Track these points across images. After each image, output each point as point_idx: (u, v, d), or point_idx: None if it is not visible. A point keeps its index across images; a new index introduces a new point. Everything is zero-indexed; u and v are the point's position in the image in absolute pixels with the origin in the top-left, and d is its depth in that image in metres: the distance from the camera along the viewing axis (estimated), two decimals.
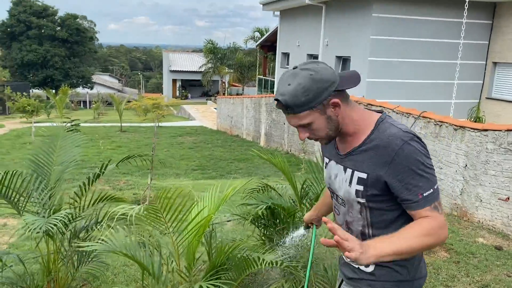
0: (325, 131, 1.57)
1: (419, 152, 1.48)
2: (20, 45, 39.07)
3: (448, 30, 11.43)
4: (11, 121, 22.47)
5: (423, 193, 1.48)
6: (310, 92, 1.47)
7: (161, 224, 2.20)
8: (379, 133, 1.53)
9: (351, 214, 1.67)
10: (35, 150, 2.96)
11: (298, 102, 1.48)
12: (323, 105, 1.50)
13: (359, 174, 1.57)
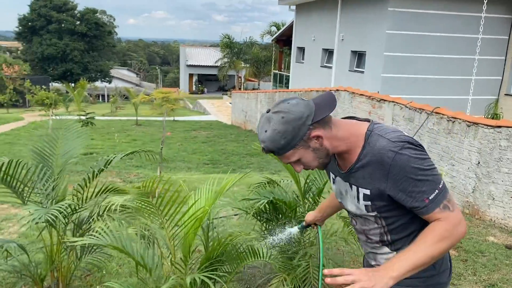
0: (317, 161, 1.57)
1: (413, 158, 1.44)
2: (40, 39, 39.72)
3: (466, 25, 11.21)
4: (30, 113, 22.91)
5: (429, 196, 1.45)
6: (287, 134, 1.47)
7: (153, 214, 2.21)
8: (370, 148, 1.51)
9: (367, 224, 1.69)
10: (39, 141, 3.01)
11: (279, 146, 1.49)
12: (304, 141, 1.50)
13: (363, 191, 1.58)
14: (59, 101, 22.81)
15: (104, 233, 2.22)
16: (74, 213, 2.93)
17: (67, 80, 37.40)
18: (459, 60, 11.39)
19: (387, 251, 1.69)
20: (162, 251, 2.52)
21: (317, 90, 10.97)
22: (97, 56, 43.26)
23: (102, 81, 44.00)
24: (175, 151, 11.81)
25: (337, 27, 13.37)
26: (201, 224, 2.54)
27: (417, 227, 1.58)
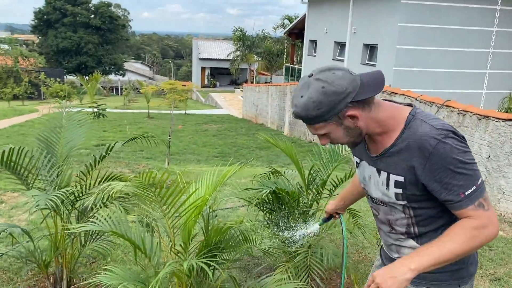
0: (346, 139, 1.50)
1: (455, 149, 1.36)
2: (55, 32, 40.19)
3: (480, 17, 11.01)
4: (45, 105, 23.22)
5: (465, 191, 1.37)
6: (322, 106, 1.39)
7: (154, 202, 2.23)
8: (411, 133, 1.42)
9: (394, 214, 1.59)
10: (44, 129, 3.05)
11: (310, 116, 1.42)
12: (338, 117, 1.42)
13: (395, 177, 1.48)
14: (73, 93, 23.13)
15: (104, 220, 2.25)
16: (78, 200, 2.97)
17: (81, 73, 37.83)
18: (473, 54, 11.21)
19: (413, 244, 1.60)
20: (163, 238, 2.54)
21: None
22: (111, 50, 43.63)
23: (116, 74, 44.38)
24: (185, 144, 11.88)
25: (349, 20, 13.25)
26: (201, 212, 2.56)
27: (446, 221, 1.50)
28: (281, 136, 13.57)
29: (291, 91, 13.53)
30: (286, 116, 14.03)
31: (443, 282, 1.56)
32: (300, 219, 3.49)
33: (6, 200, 5.25)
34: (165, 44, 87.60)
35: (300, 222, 3.22)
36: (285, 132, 14.11)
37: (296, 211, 3.42)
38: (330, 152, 3.69)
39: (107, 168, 7.25)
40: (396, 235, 1.64)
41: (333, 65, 1.45)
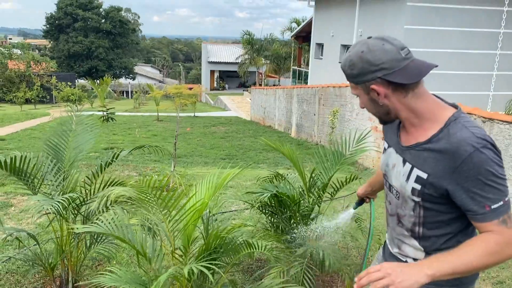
0: (373, 112, 1.54)
1: (491, 161, 1.33)
2: (67, 36, 40.75)
3: (487, 19, 10.96)
4: (56, 109, 23.53)
5: (492, 205, 1.34)
6: (354, 68, 1.43)
7: (154, 206, 2.30)
8: (449, 135, 1.39)
9: (403, 209, 1.59)
10: (52, 134, 3.14)
11: (345, 71, 1.48)
12: (365, 86, 1.45)
13: (418, 172, 1.46)
14: (84, 97, 23.42)
15: (107, 223, 2.32)
16: (83, 204, 3.05)
17: (92, 76, 38.25)
18: (480, 55, 11.16)
19: (414, 244, 1.61)
20: (164, 242, 2.61)
21: (333, 86, 10.93)
22: (121, 53, 44.10)
23: (126, 77, 44.83)
24: (193, 146, 11.97)
25: (356, 22, 13.27)
26: (201, 216, 2.62)
27: (452, 230, 1.49)
28: (288, 138, 13.61)
29: (298, 93, 13.57)
30: (293, 118, 14.07)
31: (439, 287, 1.53)
32: (302, 223, 3.55)
33: (16, 203, 5.37)
34: (175, 47, 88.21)
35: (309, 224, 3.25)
36: (292, 134, 14.16)
37: (298, 214, 3.47)
38: (333, 154, 3.71)
39: (115, 172, 7.36)
40: (401, 230, 1.64)
41: (391, 37, 1.45)
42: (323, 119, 11.53)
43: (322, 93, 11.58)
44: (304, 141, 12.80)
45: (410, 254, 1.65)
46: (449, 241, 1.52)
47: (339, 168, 3.61)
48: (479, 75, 11.15)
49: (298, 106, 13.54)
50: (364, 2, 12.97)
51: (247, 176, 7.16)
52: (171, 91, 12.56)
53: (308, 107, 12.73)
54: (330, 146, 3.72)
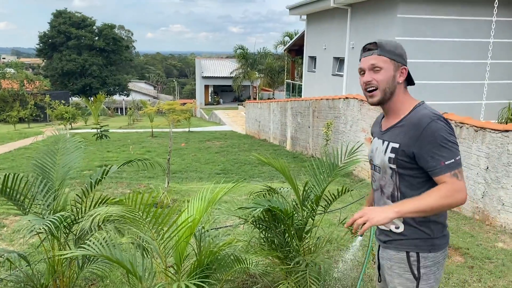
0: (385, 86, 1.91)
1: (443, 129, 1.79)
2: (60, 55, 40.84)
3: (477, 29, 11.08)
4: (50, 128, 23.46)
5: (445, 161, 1.77)
6: (398, 49, 1.93)
7: (142, 225, 2.27)
8: (414, 113, 1.89)
9: (384, 179, 2.00)
10: (39, 154, 3.11)
11: (390, 47, 1.90)
12: (398, 64, 1.91)
13: (392, 144, 1.92)
14: (77, 115, 23.37)
15: (95, 243, 2.29)
16: (74, 223, 3.01)
17: (86, 94, 38.27)
18: (471, 65, 11.25)
19: None
20: (155, 260, 2.57)
21: (327, 98, 10.97)
22: (115, 70, 44.20)
23: (120, 94, 44.86)
24: (188, 162, 11.93)
25: (347, 35, 13.38)
26: (193, 233, 2.59)
27: (424, 191, 1.84)
28: (283, 151, 13.60)
29: (292, 106, 13.61)
30: (288, 131, 14.09)
31: (417, 247, 1.94)
32: (296, 237, 3.52)
33: (8, 224, 5.31)
34: (169, 63, 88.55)
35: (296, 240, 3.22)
36: (287, 147, 14.16)
37: (292, 228, 3.44)
38: (325, 166, 3.69)
39: (108, 189, 7.31)
40: (384, 199, 2.03)
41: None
42: (318, 132, 11.55)
43: (316, 106, 11.62)
44: (299, 154, 12.80)
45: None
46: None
47: (332, 180, 3.59)
48: (471, 85, 11.23)
49: (293, 119, 13.57)
50: (355, 15, 13.10)
51: (242, 190, 7.13)
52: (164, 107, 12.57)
53: (302, 120, 12.76)
54: (324, 158, 3.71)
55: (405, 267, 1.97)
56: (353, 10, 13.12)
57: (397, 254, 1.99)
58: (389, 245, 2.03)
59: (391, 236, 2.02)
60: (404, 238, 1.97)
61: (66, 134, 3.18)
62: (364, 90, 1.97)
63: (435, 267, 1.96)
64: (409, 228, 1.95)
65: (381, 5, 11.59)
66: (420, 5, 10.85)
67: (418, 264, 1.94)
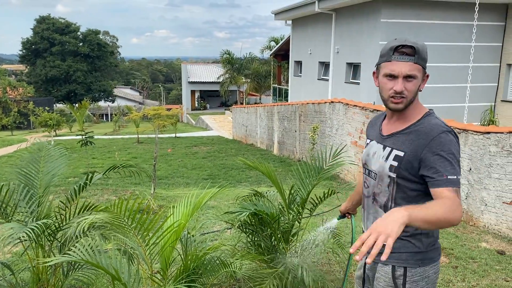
0: (413, 94, 1.79)
1: (453, 143, 1.71)
2: (44, 61, 40.37)
3: (459, 33, 11.30)
4: (34, 135, 23.14)
5: (448, 175, 1.67)
6: (427, 55, 1.79)
7: (126, 230, 2.26)
8: (425, 122, 1.79)
9: (379, 187, 1.89)
10: (23, 162, 3.08)
11: (425, 55, 1.78)
12: (424, 72, 1.79)
13: (396, 152, 1.81)
14: (62, 121, 23.10)
15: (80, 250, 2.27)
16: (59, 230, 2.98)
17: (71, 100, 37.89)
18: (454, 68, 11.45)
19: None
20: (142, 265, 2.56)
21: (313, 102, 11.04)
22: (100, 76, 43.85)
23: (105, 100, 44.50)
24: (174, 168, 11.88)
25: (332, 40, 13.51)
26: (179, 238, 2.59)
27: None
28: (270, 155, 13.63)
29: (278, 111, 13.66)
30: (275, 136, 14.13)
31: (405, 261, 1.84)
32: (282, 240, 3.53)
33: None
34: (154, 68, 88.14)
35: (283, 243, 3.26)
36: (274, 151, 14.19)
37: (278, 231, 3.46)
38: (310, 169, 3.72)
39: (94, 196, 7.24)
40: (376, 208, 1.93)
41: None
42: (304, 136, 11.61)
43: (302, 110, 11.68)
44: (286, 158, 12.84)
45: None
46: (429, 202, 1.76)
47: (318, 183, 3.62)
48: (454, 88, 11.42)
49: (280, 124, 13.62)
50: (339, 20, 13.24)
51: (229, 195, 7.12)
52: (149, 112, 12.52)
53: (289, 124, 12.82)
54: (310, 161, 3.73)
55: (390, 282, 1.87)
56: (337, 15, 13.26)
57: (383, 267, 1.90)
58: (376, 257, 1.75)
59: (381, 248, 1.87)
60: (392, 251, 1.73)
61: (50, 141, 3.15)
62: (389, 96, 1.80)
63: (423, 282, 1.85)
64: (398, 241, 1.77)
65: (365, 10, 11.73)
66: (403, 10, 11.01)
67: (404, 279, 1.84)
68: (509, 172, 5.20)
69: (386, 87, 1.80)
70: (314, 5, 13.29)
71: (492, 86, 11.89)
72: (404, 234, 1.80)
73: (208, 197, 2.61)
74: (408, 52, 1.74)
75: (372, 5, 11.38)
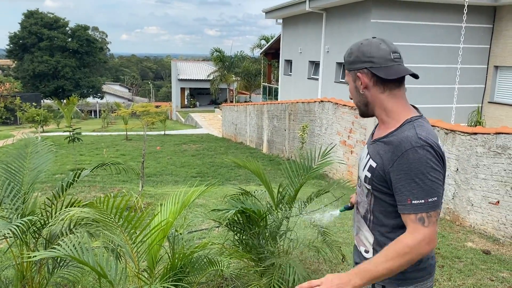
0: (355, 100, 1.70)
1: (423, 161, 1.46)
2: (31, 56, 39.83)
3: (448, 35, 11.39)
4: (21, 131, 22.85)
5: (413, 200, 1.48)
6: (352, 56, 1.64)
7: (113, 228, 2.24)
8: (399, 132, 1.56)
9: (361, 196, 1.76)
10: (8, 158, 3.03)
11: (345, 58, 1.69)
12: (354, 73, 1.64)
13: (371, 162, 1.64)
14: (49, 117, 22.85)
15: (66, 246, 2.24)
16: (44, 227, 2.94)
17: (59, 96, 37.44)
18: (442, 69, 11.55)
19: (366, 229, 1.74)
20: (129, 263, 2.54)
21: (302, 101, 11.06)
22: (89, 72, 43.40)
23: (94, 97, 44.10)
24: (163, 165, 11.82)
25: (322, 39, 13.54)
26: (166, 236, 2.57)
27: (396, 222, 1.60)
28: (259, 154, 13.63)
29: (268, 109, 13.66)
30: (264, 134, 14.13)
31: (384, 281, 1.65)
32: (270, 238, 3.53)
33: None
34: (144, 65, 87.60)
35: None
36: (263, 150, 14.19)
37: (266, 230, 3.45)
38: (299, 168, 3.72)
39: (81, 193, 7.17)
40: (358, 217, 1.80)
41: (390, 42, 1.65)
42: (294, 134, 11.62)
43: (292, 109, 11.69)
44: (275, 157, 12.84)
45: (363, 240, 1.77)
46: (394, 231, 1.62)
47: (306, 181, 3.62)
48: (442, 89, 11.52)
49: (269, 122, 13.62)
50: (330, 19, 13.27)
51: (218, 193, 7.11)
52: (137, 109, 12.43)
53: (278, 123, 12.82)
54: (299, 160, 3.74)
55: None
56: (328, 15, 13.29)
57: None
58: None
59: (361, 259, 1.78)
60: None
61: (36, 137, 3.11)
62: None
63: None
64: None
65: (355, 10, 11.78)
66: (393, 11, 11.08)
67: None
68: (495, 172, 5.26)
69: None
70: (305, 4, 13.31)
71: (480, 88, 12.02)
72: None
73: (196, 195, 2.60)
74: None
75: (362, 5, 11.43)
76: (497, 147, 5.24)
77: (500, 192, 5.22)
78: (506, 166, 5.13)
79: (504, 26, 11.35)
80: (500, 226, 5.24)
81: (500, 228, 5.25)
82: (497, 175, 5.24)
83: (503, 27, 11.37)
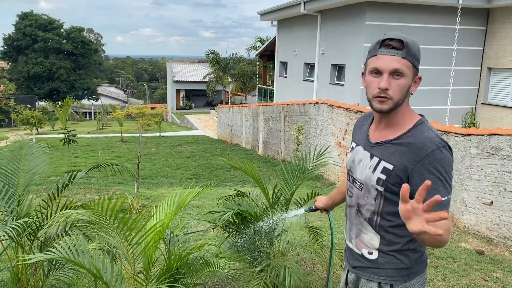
0: (397, 96, 1.62)
1: (447, 161, 1.56)
2: (26, 58, 39.64)
3: (442, 37, 11.47)
4: (16, 132, 22.74)
5: (442, 197, 1.51)
6: (419, 54, 1.64)
7: (109, 229, 2.25)
8: (416, 133, 1.61)
9: (365, 199, 1.74)
10: (3, 160, 3.03)
11: (415, 50, 1.62)
12: (416, 72, 1.64)
13: (385, 164, 1.64)
14: (44, 119, 22.73)
15: (62, 247, 2.25)
16: (40, 229, 2.94)
17: (53, 98, 37.30)
18: (436, 71, 11.62)
19: (371, 231, 1.75)
20: (125, 265, 2.54)
21: (298, 103, 11.09)
22: (84, 74, 43.24)
23: (89, 99, 43.94)
24: (159, 167, 11.81)
25: (317, 41, 13.59)
26: (163, 237, 2.58)
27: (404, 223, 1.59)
28: (255, 155, 13.64)
29: (264, 111, 13.69)
30: (260, 136, 14.15)
31: (392, 278, 1.72)
32: (266, 239, 3.54)
33: None
34: (139, 67, 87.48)
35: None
36: (259, 151, 14.21)
37: (261, 231, 3.46)
38: (295, 169, 3.74)
39: (76, 195, 7.15)
40: (360, 220, 1.78)
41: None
42: (289, 136, 11.65)
43: (287, 111, 11.72)
44: (271, 158, 12.86)
45: (366, 242, 1.78)
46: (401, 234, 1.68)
47: (301, 182, 3.64)
48: (436, 90, 11.59)
49: (265, 124, 13.64)
50: (325, 21, 13.32)
51: (214, 195, 7.11)
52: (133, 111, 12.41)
53: (274, 125, 12.85)
54: (294, 161, 3.76)
55: None
56: (322, 17, 13.34)
57: (368, 283, 1.79)
58: (359, 271, 1.82)
59: (362, 262, 1.80)
60: (377, 267, 1.75)
61: (31, 139, 3.11)
62: (373, 95, 1.64)
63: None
64: (384, 257, 1.74)
65: (350, 13, 11.84)
66: (387, 13, 11.14)
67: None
68: (488, 173, 5.31)
69: (371, 85, 1.64)
70: (300, 6, 13.36)
71: (473, 89, 12.10)
72: (390, 249, 1.71)
73: (192, 197, 2.61)
74: (396, 45, 1.58)
75: (357, 8, 11.49)
76: (490, 148, 5.28)
77: (493, 192, 5.27)
78: (499, 167, 5.18)
79: (497, 28, 11.44)
80: (493, 227, 5.29)
81: (493, 229, 5.29)
82: (491, 176, 5.28)
83: (497, 29, 11.46)
